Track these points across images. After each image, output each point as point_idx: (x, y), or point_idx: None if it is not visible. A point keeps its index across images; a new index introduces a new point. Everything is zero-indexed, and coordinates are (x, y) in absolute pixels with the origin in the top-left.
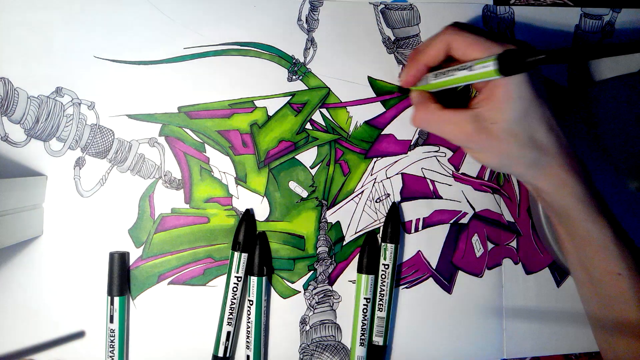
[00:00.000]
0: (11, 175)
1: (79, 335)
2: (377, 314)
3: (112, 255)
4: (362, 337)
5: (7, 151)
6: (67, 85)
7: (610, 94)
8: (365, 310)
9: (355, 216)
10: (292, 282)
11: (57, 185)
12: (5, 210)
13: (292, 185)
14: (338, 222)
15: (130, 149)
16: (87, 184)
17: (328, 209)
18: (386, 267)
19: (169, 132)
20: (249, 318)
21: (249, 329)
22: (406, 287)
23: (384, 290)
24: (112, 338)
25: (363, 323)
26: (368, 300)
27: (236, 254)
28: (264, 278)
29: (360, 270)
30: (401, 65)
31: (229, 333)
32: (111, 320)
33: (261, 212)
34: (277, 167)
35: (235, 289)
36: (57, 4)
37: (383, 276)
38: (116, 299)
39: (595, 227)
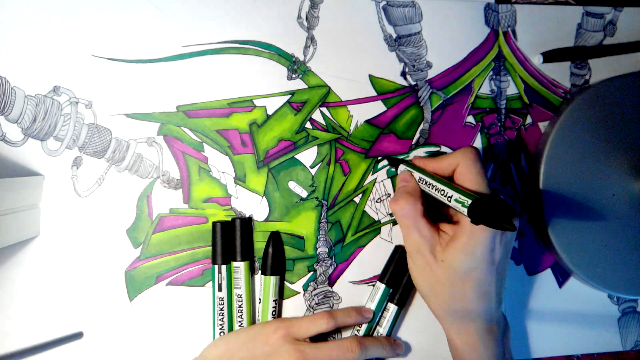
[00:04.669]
0: (8, 175)
1: (77, 336)
2: None
3: (214, 224)
4: None
5: (4, 151)
6: (65, 84)
7: (613, 93)
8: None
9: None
10: (292, 283)
11: (54, 185)
12: (2, 210)
13: (292, 185)
14: (338, 222)
15: (128, 149)
16: (84, 184)
17: (328, 209)
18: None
19: (167, 132)
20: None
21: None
22: None
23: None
24: (221, 307)
25: None
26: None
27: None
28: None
29: (264, 272)
30: (402, 64)
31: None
32: (219, 289)
33: (260, 212)
34: (276, 167)
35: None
36: (54, 2)
37: None
38: (223, 267)
39: None
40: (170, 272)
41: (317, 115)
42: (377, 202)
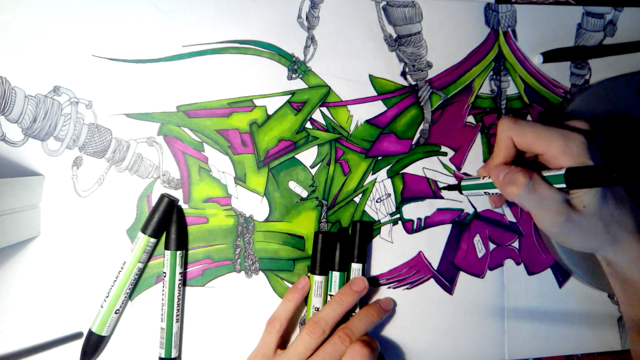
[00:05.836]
0: (8, 175)
1: (77, 336)
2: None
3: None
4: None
5: (4, 151)
6: (65, 84)
7: (613, 93)
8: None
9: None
10: (292, 283)
11: (54, 185)
12: (2, 210)
13: (292, 185)
14: (338, 222)
15: (129, 149)
16: (84, 184)
17: (328, 209)
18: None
19: (167, 132)
20: (163, 290)
21: (162, 302)
22: (407, 288)
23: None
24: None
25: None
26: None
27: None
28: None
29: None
30: (403, 64)
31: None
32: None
33: (261, 212)
34: (276, 167)
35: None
36: (54, 2)
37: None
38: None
39: None
40: None
41: (317, 115)
42: (377, 202)
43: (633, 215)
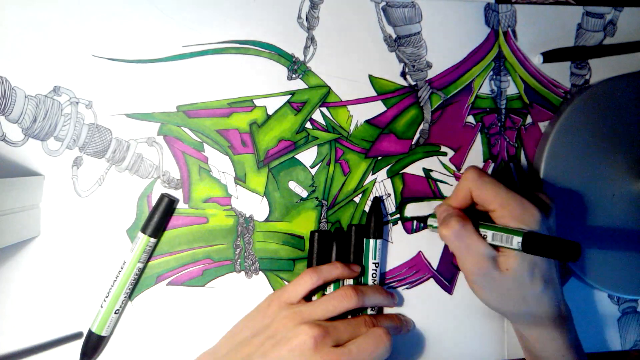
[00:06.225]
0: (8, 175)
1: (77, 336)
2: None
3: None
4: None
5: (4, 151)
6: (65, 84)
7: (613, 93)
8: (374, 275)
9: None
10: None
11: (54, 185)
12: (2, 210)
13: (292, 185)
14: (338, 222)
15: (129, 149)
16: (84, 184)
17: (328, 209)
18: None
19: (167, 132)
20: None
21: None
22: (407, 288)
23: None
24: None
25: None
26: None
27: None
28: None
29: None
30: (402, 64)
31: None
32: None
33: (261, 212)
34: (276, 167)
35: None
36: (55, 2)
37: (374, 275)
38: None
39: None
40: (170, 272)
41: (317, 115)
42: None
43: (553, 294)
